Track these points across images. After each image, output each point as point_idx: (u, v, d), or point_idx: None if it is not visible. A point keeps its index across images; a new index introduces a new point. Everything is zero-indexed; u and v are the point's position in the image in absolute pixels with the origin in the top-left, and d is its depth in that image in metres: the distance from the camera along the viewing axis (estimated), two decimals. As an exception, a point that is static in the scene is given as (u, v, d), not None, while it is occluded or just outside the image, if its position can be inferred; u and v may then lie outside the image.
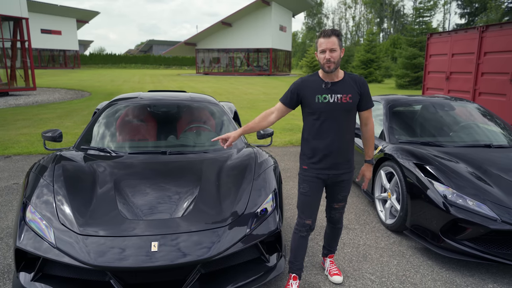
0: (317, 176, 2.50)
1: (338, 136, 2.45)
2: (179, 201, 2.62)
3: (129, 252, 2.20)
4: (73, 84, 22.61)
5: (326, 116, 2.42)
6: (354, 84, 2.45)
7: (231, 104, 5.72)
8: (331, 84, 2.41)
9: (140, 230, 2.33)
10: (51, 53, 48.86)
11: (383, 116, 4.31)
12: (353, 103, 2.44)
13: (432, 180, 3.12)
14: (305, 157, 2.54)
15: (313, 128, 2.47)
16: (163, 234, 2.32)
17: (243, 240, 2.44)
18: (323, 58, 2.35)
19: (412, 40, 24.17)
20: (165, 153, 3.25)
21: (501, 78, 9.18)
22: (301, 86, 2.46)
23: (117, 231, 2.31)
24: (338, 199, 2.62)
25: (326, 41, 2.34)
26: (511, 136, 4.04)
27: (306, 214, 2.55)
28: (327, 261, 2.89)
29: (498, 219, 2.76)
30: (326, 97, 2.40)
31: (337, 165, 2.49)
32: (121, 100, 4.00)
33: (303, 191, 2.54)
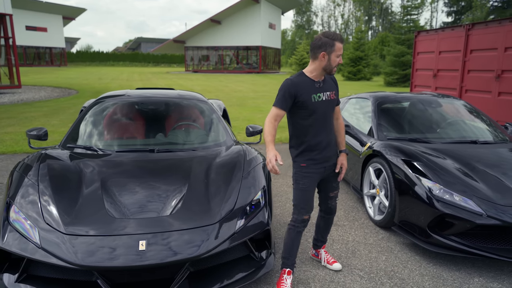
0: (316, 171, 2.59)
1: (328, 131, 2.61)
2: (167, 199, 2.59)
3: (116, 252, 2.17)
4: (60, 82, 22.26)
5: (319, 113, 2.53)
6: (333, 82, 2.66)
7: (220, 102, 5.69)
8: (322, 83, 2.54)
9: (127, 229, 2.30)
10: (37, 50, 48.05)
11: (371, 113, 4.34)
12: (336, 99, 2.65)
13: (420, 176, 3.15)
14: (304, 155, 2.57)
15: (311, 127, 2.54)
16: (151, 232, 2.29)
17: (232, 238, 2.43)
18: (337, 61, 2.45)
19: (400, 38, 24.40)
20: (153, 151, 3.22)
21: (487, 76, 9.33)
22: (295, 88, 2.47)
23: (103, 230, 2.27)
24: (333, 188, 2.75)
25: (342, 46, 2.43)
26: (496, 132, 4.10)
27: (306, 209, 2.60)
28: (321, 252, 2.97)
29: (483, 214, 2.80)
30: (320, 96, 2.52)
31: (331, 157, 2.65)
32: (108, 97, 3.95)
33: (303, 187, 2.58)
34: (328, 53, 2.42)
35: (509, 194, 2.94)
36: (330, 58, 2.43)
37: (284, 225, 3.67)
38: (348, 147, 4.45)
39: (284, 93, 2.46)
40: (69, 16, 51.17)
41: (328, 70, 2.48)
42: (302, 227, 2.63)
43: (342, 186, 4.82)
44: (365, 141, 4.09)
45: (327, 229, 2.92)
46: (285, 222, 3.73)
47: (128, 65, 62.93)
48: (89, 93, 15.94)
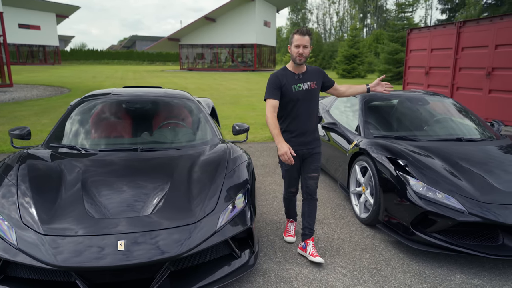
0: (296, 153, 2.92)
1: (309, 118, 2.98)
2: (148, 199, 2.58)
3: (94, 252, 2.15)
4: (53, 81, 22.10)
5: (300, 101, 2.92)
6: (316, 73, 3.03)
7: (209, 100, 5.66)
8: (302, 75, 2.94)
9: (106, 229, 2.29)
10: (30, 48, 47.62)
11: (358, 111, 4.34)
12: (317, 88, 3.02)
13: (404, 174, 3.16)
14: (284, 136, 2.92)
15: (291, 113, 2.94)
16: (130, 232, 2.28)
17: (213, 237, 2.43)
18: (297, 52, 2.82)
19: (394, 36, 24.44)
20: (136, 150, 3.20)
21: (478, 73, 9.37)
22: (280, 80, 2.89)
23: (82, 231, 2.26)
24: (312, 170, 3.06)
25: (301, 38, 2.81)
26: (482, 130, 4.12)
27: (291, 184, 3.18)
28: (310, 243, 3.04)
29: (465, 211, 2.81)
30: (300, 86, 2.92)
31: (310, 141, 3.02)
32: (94, 96, 3.92)
33: (286, 168, 3.08)
34: (290, 46, 2.88)
35: (491, 191, 2.96)
36: (291, 50, 2.86)
37: (270, 223, 3.67)
38: (335, 145, 4.45)
39: (271, 85, 2.88)
40: (63, 14, 50.77)
41: (293, 60, 2.87)
42: (292, 196, 3.26)
43: (330, 184, 4.83)
44: (352, 139, 4.10)
45: (312, 215, 3.07)
46: (271, 220, 3.73)
47: (123, 63, 62.61)
48: (82, 92, 15.84)
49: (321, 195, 4.44)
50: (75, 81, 22.53)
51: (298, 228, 3.54)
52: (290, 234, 3.32)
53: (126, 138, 3.53)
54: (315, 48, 48.04)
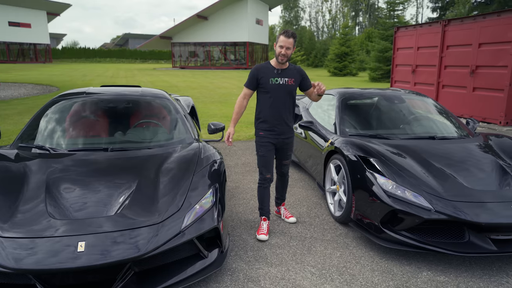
0: (270, 141, 3.32)
1: (284, 110, 3.28)
2: (113, 199, 2.57)
3: (53, 254, 2.14)
4: (43, 79, 21.89)
5: (276, 94, 3.23)
6: (296, 71, 3.31)
7: (189, 99, 5.66)
8: (281, 70, 3.24)
9: (67, 231, 2.27)
10: (21, 46, 47.10)
11: (335, 109, 4.35)
12: (295, 85, 3.30)
13: (375, 172, 3.17)
14: (261, 125, 3.32)
15: (267, 103, 3.27)
16: (91, 233, 2.27)
17: (177, 237, 2.42)
18: (279, 51, 3.15)
19: (384, 34, 24.53)
20: (106, 150, 3.18)
21: (462, 71, 9.45)
22: (259, 71, 3.25)
23: (42, 232, 2.24)
24: (285, 157, 3.48)
25: (285, 40, 3.12)
26: (456, 128, 4.15)
27: (266, 170, 3.38)
28: (282, 208, 3.70)
29: (432, 209, 2.83)
30: (278, 80, 3.22)
31: (284, 132, 3.33)
32: (67, 95, 3.89)
33: (261, 154, 3.36)
34: (276, 44, 3.19)
35: (458, 189, 2.99)
36: (275, 48, 3.18)
37: (244, 222, 3.67)
38: (312, 144, 4.47)
39: (251, 76, 3.27)
40: (54, 12, 50.25)
41: (276, 58, 3.22)
42: (267, 183, 3.41)
43: (309, 182, 4.84)
44: (328, 137, 4.11)
45: (284, 189, 3.65)
46: (246, 219, 3.74)
47: (115, 61, 62.24)
48: (70, 90, 15.69)
49: (298, 194, 4.45)
50: (65, 79, 22.34)
51: (272, 226, 3.56)
52: (263, 232, 3.37)
53: (98, 137, 3.51)
54: (308, 46, 48.09)
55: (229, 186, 4.67)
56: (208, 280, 2.72)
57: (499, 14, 8.36)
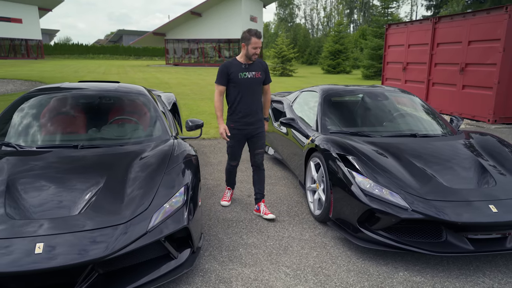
0: (241, 132, 3.57)
1: (253, 102, 3.51)
2: (78, 198, 2.48)
3: (9, 256, 2.04)
4: (32, 75, 21.61)
5: (245, 87, 3.46)
6: (261, 65, 3.55)
7: (171, 95, 5.56)
8: (248, 65, 3.47)
9: (25, 231, 2.18)
10: (12, 42, 46.53)
11: (318, 106, 4.28)
12: (262, 78, 3.55)
13: (352, 171, 3.11)
14: (232, 117, 3.56)
15: (237, 97, 3.49)
16: (51, 234, 2.18)
17: (143, 237, 2.33)
18: (254, 52, 3.39)
19: (377, 31, 24.49)
20: (76, 147, 3.08)
21: (452, 69, 9.42)
22: (228, 68, 3.46)
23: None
24: (258, 146, 3.65)
25: (258, 41, 3.37)
26: (439, 126, 4.09)
27: (234, 158, 3.74)
28: (262, 205, 3.71)
29: (408, 208, 2.77)
30: (246, 74, 3.46)
31: (253, 122, 3.56)
32: (41, 90, 3.78)
33: (230, 145, 3.63)
34: (246, 45, 3.37)
35: (436, 188, 2.93)
36: (247, 49, 3.37)
37: (222, 221, 3.59)
38: (294, 141, 4.40)
39: (220, 73, 3.48)
40: (45, 7, 49.65)
41: (248, 57, 3.42)
42: (234, 168, 3.82)
43: (292, 180, 4.77)
44: (309, 134, 4.04)
45: (261, 182, 3.73)
46: (223, 218, 3.66)
47: (108, 58, 61.71)
48: (59, 87, 15.48)
49: (280, 192, 4.38)
50: (56, 75, 22.08)
51: (250, 225, 3.48)
52: (226, 199, 3.91)
53: (70, 134, 3.40)
54: (302, 44, 48.03)
55: (209, 184, 4.59)
56: (178, 281, 2.64)
57: (488, 11, 8.33)
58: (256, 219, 3.64)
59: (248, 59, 3.42)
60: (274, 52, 26.79)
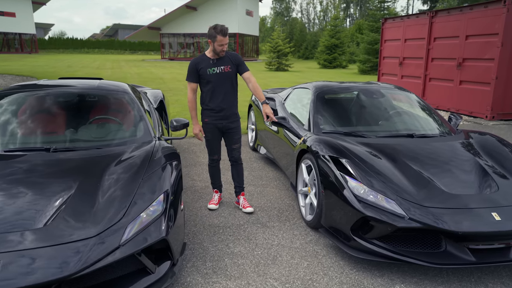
0: (216, 126, 3.56)
1: (226, 96, 3.48)
2: (44, 209, 2.26)
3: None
4: (24, 70, 21.22)
5: (216, 82, 3.43)
6: (232, 58, 3.49)
7: (159, 92, 5.32)
8: (216, 60, 3.43)
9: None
10: (5, 36, 45.85)
11: (310, 104, 4.07)
12: (232, 71, 3.48)
13: (345, 175, 2.90)
14: (205, 113, 3.55)
15: (209, 92, 3.48)
16: (7, 251, 1.96)
17: (115, 252, 2.12)
18: (221, 49, 3.34)
19: (374, 26, 24.24)
20: (48, 150, 2.86)
21: (449, 64, 9.22)
22: (197, 64, 3.44)
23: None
24: (234, 141, 3.64)
25: (225, 38, 3.31)
26: (438, 125, 3.89)
27: (213, 152, 3.69)
28: (241, 198, 3.75)
29: (405, 216, 2.58)
30: (215, 69, 3.42)
31: (228, 116, 3.54)
32: (16, 88, 3.54)
33: (208, 139, 3.63)
34: (212, 42, 3.34)
35: (435, 194, 2.73)
36: (214, 46, 3.34)
37: (208, 227, 3.39)
38: (285, 141, 4.19)
39: (190, 70, 3.47)
40: (39, 1, 48.95)
41: (216, 53, 3.39)
42: (215, 163, 3.74)
43: (285, 182, 4.57)
44: (301, 134, 3.83)
45: (240, 176, 3.74)
46: (210, 224, 3.46)
47: (104, 52, 61.06)
48: (50, 82, 15.17)
49: (271, 194, 4.18)
50: (49, 70, 21.70)
51: (237, 232, 3.28)
52: (214, 202, 3.78)
53: (44, 136, 3.17)
54: (298, 38, 47.67)
55: (197, 186, 4.38)
56: None
57: (486, 5, 8.12)
58: (244, 225, 3.44)
59: (216, 54, 3.39)
60: (269, 46, 26.48)
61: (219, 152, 3.72)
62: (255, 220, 3.54)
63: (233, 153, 3.68)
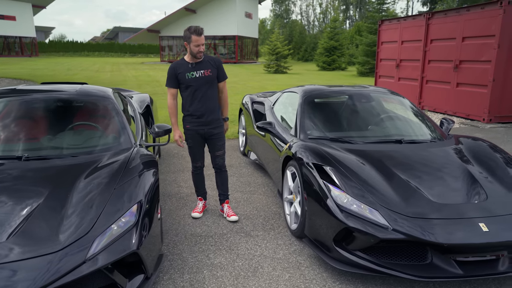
0: (197, 132, 3.45)
1: (206, 101, 3.37)
2: (7, 222, 2.16)
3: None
4: (23, 74, 21.19)
5: (195, 87, 3.33)
6: (213, 62, 3.39)
7: (146, 96, 5.23)
8: (195, 64, 3.32)
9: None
10: (6, 40, 45.94)
11: (298, 108, 3.96)
12: (213, 76, 3.38)
13: (328, 183, 2.80)
14: (186, 119, 3.45)
15: (189, 98, 3.37)
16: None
17: (80, 267, 2.02)
18: (197, 50, 3.23)
19: (372, 27, 24.14)
20: (20, 159, 2.76)
21: (446, 66, 9.12)
22: (176, 69, 3.33)
23: None
24: (217, 148, 3.53)
25: (200, 38, 3.19)
26: (427, 130, 3.78)
27: (195, 159, 3.60)
28: (225, 206, 3.67)
29: (389, 227, 2.47)
30: (194, 74, 3.32)
31: (209, 122, 3.43)
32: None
33: (190, 145, 3.53)
34: (188, 43, 3.24)
35: (421, 203, 2.62)
36: (190, 47, 3.24)
37: (189, 237, 3.28)
38: (272, 146, 4.09)
39: (169, 75, 3.36)
40: (39, 4, 49.02)
41: (193, 55, 3.28)
42: (198, 170, 3.65)
43: (273, 188, 4.46)
44: (287, 140, 3.73)
45: (224, 184, 3.66)
46: (192, 233, 3.35)
47: (104, 55, 61.11)
48: (46, 86, 15.09)
49: (258, 201, 4.07)
50: (48, 74, 21.69)
51: (219, 241, 3.18)
52: (198, 211, 3.68)
53: (17, 143, 3.07)
54: (298, 40, 47.59)
55: (183, 193, 4.28)
56: (127, 313, 2.32)
57: (483, 6, 8.01)
58: (227, 234, 3.34)
59: (194, 57, 3.29)
60: (268, 49, 26.40)
61: (202, 159, 3.62)
62: (239, 229, 3.43)
63: (217, 160, 3.57)
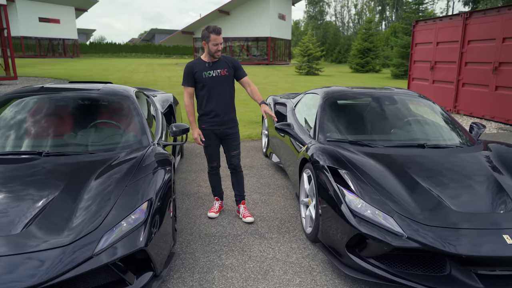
0: (213, 132, 3.44)
1: (222, 100, 3.38)
2: (23, 214, 2.24)
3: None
4: (63, 74, 22.23)
5: (212, 86, 3.33)
6: (229, 62, 3.40)
7: (170, 95, 5.30)
8: (212, 63, 3.33)
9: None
10: (50, 42, 48.44)
11: (318, 109, 3.88)
12: (229, 75, 3.38)
13: (343, 187, 2.71)
14: (203, 118, 3.44)
15: (205, 97, 3.37)
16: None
17: (87, 262, 2.06)
18: (215, 49, 3.25)
19: (408, 28, 23.40)
20: (40, 154, 2.87)
21: (484, 68, 8.67)
22: (192, 68, 3.34)
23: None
24: (232, 148, 3.52)
25: (218, 37, 3.22)
26: (454, 135, 3.59)
27: (211, 160, 3.59)
28: (241, 207, 3.64)
29: (404, 235, 2.35)
30: (210, 73, 3.32)
31: (225, 122, 3.43)
32: (20, 92, 3.61)
33: (205, 145, 3.50)
34: (207, 42, 3.26)
35: (440, 211, 2.48)
36: (208, 46, 3.25)
37: (204, 237, 3.29)
38: (291, 148, 4.03)
39: (185, 74, 3.36)
40: (82, 8, 51.36)
41: (211, 55, 3.29)
42: (214, 170, 3.63)
43: (290, 191, 4.40)
44: (305, 142, 3.65)
45: (240, 184, 3.63)
46: (207, 233, 3.35)
47: (140, 56, 63.00)
48: (84, 85, 15.74)
49: (275, 203, 4.02)
50: (85, 74, 22.64)
51: (233, 242, 3.16)
52: (214, 211, 3.67)
53: (40, 140, 3.18)
54: (332, 42, 46.95)
55: (202, 192, 4.30)
56: (135, 308, 2.35)
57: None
58: (241, 235, 3.31)
59: (211, 57, 3.30)
60: (300, 50, 26.21)
61: (218, 159, 3.61)
62: (254, 231, 3.40)
63: (232, 160, 3.56)
